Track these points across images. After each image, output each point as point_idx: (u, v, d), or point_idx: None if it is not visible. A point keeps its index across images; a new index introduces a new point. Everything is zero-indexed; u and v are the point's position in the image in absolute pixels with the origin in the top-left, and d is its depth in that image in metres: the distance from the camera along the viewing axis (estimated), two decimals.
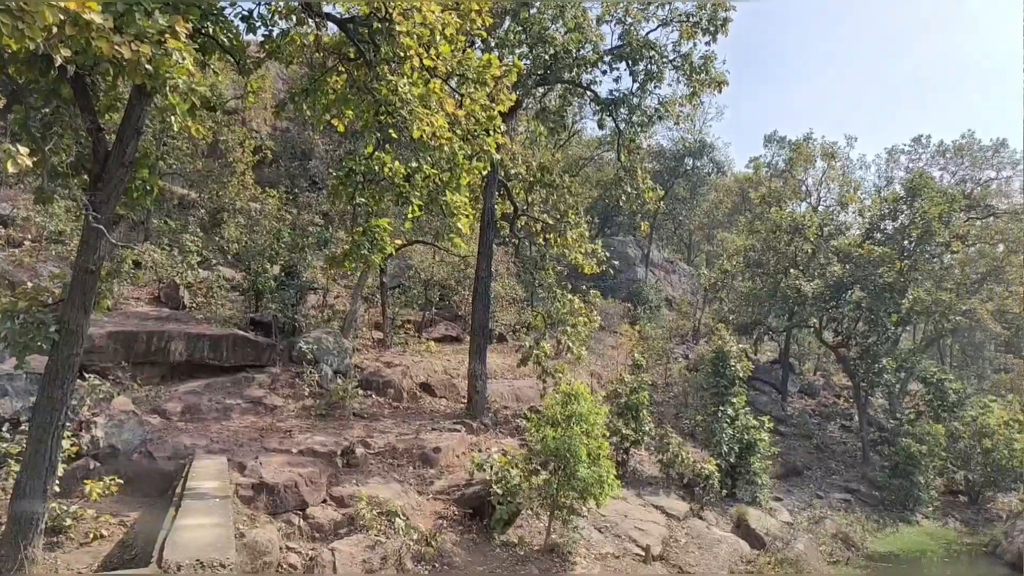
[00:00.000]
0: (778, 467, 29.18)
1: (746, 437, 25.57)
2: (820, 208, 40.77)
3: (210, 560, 8.97)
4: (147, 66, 8.24)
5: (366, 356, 27.27)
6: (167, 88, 8.76)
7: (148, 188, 11.99)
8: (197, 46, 10.58)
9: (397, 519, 15.54)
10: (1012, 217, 44.61)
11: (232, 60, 12.95)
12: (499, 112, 14.29)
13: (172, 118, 9.76)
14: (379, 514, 15.55)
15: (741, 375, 27.38)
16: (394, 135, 12.51)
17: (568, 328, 25.94)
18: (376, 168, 13.84)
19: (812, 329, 38.76)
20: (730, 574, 19.09)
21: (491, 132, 14.09)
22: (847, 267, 34.97)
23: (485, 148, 14.02)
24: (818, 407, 41.98)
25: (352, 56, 13.33)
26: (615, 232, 56.82)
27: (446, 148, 12.55)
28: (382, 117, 12.42)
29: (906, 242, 35.80)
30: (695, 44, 23.82)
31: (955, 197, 36.19)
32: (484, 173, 16.52)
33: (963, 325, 41.55)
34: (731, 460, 25.18)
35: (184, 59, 8.61)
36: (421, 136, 12.14)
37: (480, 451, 20.70)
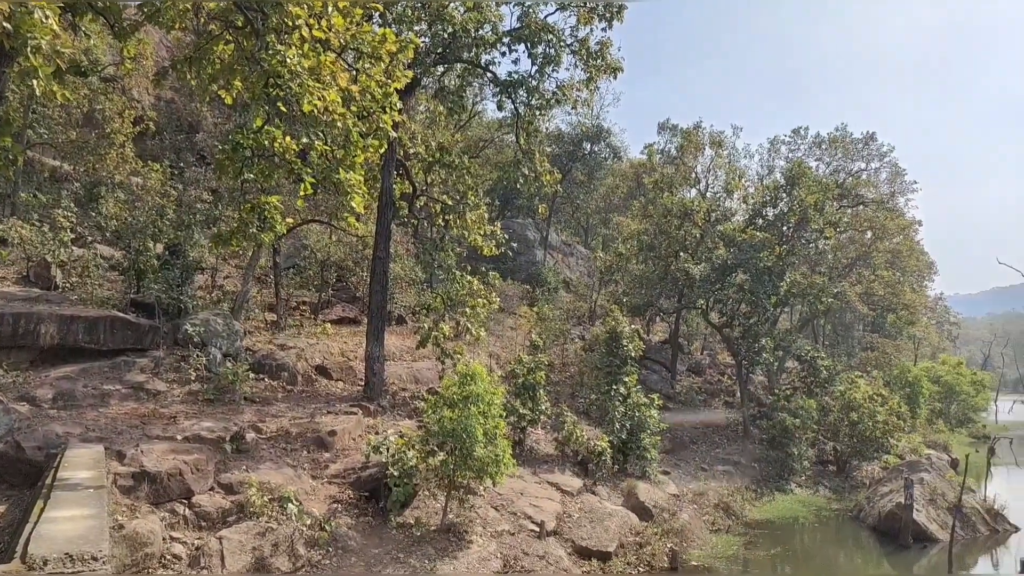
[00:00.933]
0: (666, 442, 30.48)
1: (637, 414, 26.56)
2: (708, 194, 42.63)
3: (80, 553, 8.44)
4: (5, 24, 7.55)
5: (258, 339, 26.35)
6: (28, 49, 8.07)
7: (11, 158, 11.06)
8: (63, 5, 9.78)
9: (289, 505, 15.19)
10: (879, 206, 48.30)
11: (107, 22, 12.07)
12: (396, 89, 14.04)
13: (34, 82, 9.00)
14: (270, 500, 15.14)
15: (633, 355, 28.36)
16: (283, 109, 12.04)
17: (467, 310, 26.01)
18: (266, 143, 13.30)
19: (700, 310, 40.56)
20: (620, 546, 19.86)
21: (387, 109, 13.82)
22: (732, 251, 36.79)
23: (381, 126, 13.75)
24: (704, 384, 44.12)
25: (240, 24, 12.72)
26: (515, 214, 57.27)
27: (339, 124, 12.22)
28: (271, 89, 11.93)
29: (785, 228, 38.06)
30: (592, 30, 24.25)
31: (829, 186, 38.76)
32: (381, 152, 16.20)
33: (834, 307, 44.69)
34: (623, 437, 26.09)
35: (48, 18, 7.95)
36: (312, 111, 11.75)
37: (377, 434, 20.50)
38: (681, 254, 37.05)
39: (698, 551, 21.41)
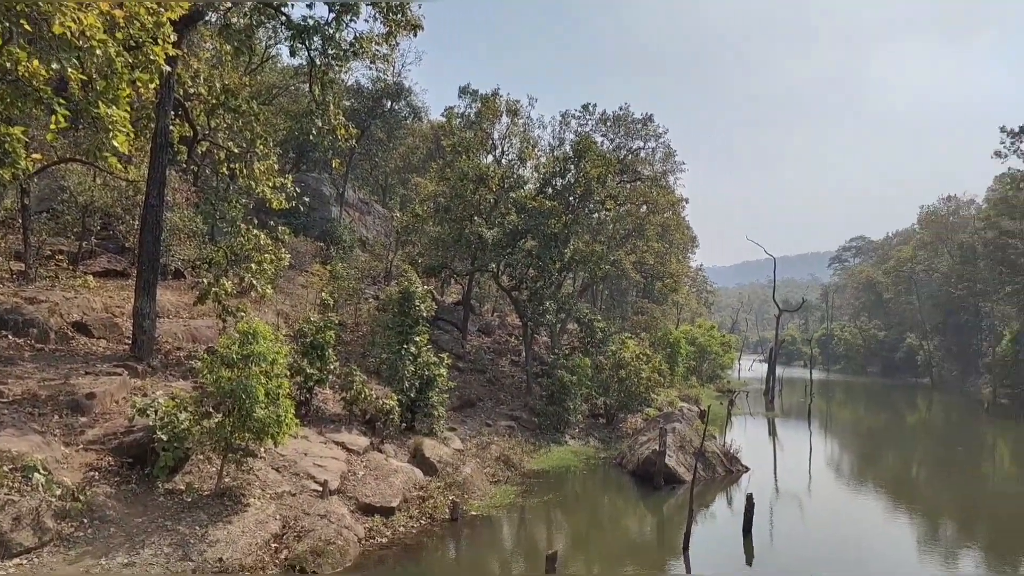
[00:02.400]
0: (455, 400, 31.51)
1: (427, 373, 27.09)
2: (503, 161, 43.98)
3: None
4: None
5: (1, 291, 23.03)
6: None
7: None
8: None
9: (36, 474, 13.67)
10: (653, 183, 52.83)
11: None
12: (171, 20, 12.80)
13: None
14: (12, 470, 13.52)
15: (425, 315, 28.77)
16: (28, 27, 10.51)
17: (253, 265, 24.74)
18: (7, 65, 11.54)
19: (491, 273, 42.00)
20: (403, 501, 20.34)
21: (160, 41, 12.58)
22: (523, 217, 38.41)
23: (152, 59, 12.50)
24: (493, 344, 46.02)
25: None
26: (311, 168, 54.96)
27: (99, 51, 10.91)
28: (14, 2, 10.35)
29: (571, 198, 40.44)
30: None
31: (611, 161, 41.69)
32: (153, 87, 14.73)
33: (611, 273, 48.55)
34: (412, 395, 26.53)
35: None
36: (65, 33, 10.37)
37: (145, 396, 18.96)
38: (475, 218, 37.96)
39: (478, 502, 22.53)
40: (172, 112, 23.12)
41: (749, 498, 21.07)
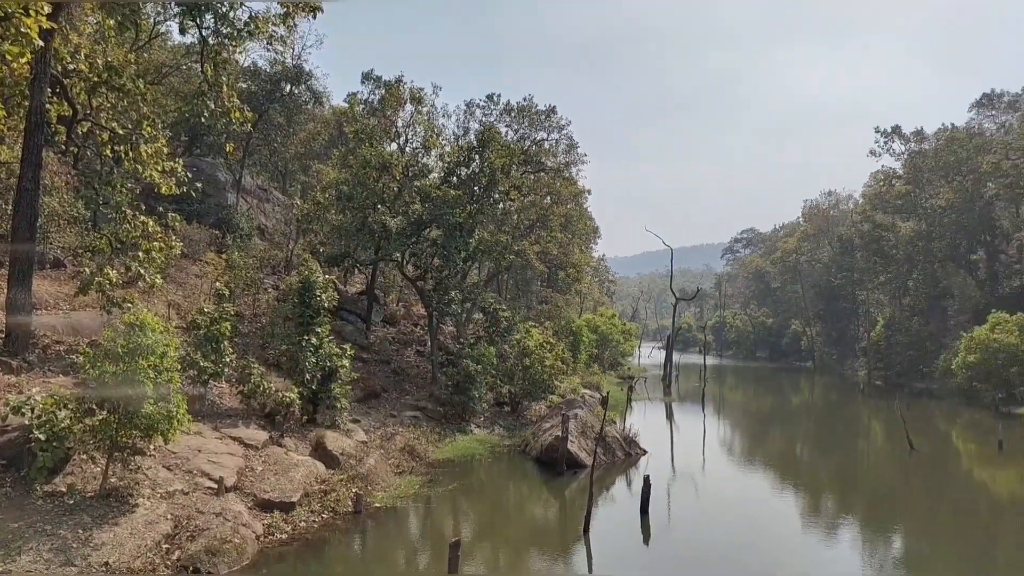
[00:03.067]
0: (359, 391, 31.05)
1: (329, 364, 26.56)
2: (407, 149, 43.50)
3: None
4: None
5: None
6: None
7: None
8: None
9: None
10: (557, 174, 53.69)
11: None
12: None
13: None
14: None
15: (326, 305, 28.19)
16: None
17: (140, 254, 23.45)
18: None
19: (396, 263, 41.56)
20: (304, 496, 19.94)
21: (33, 13, 11.72)
22: (427, 206, 38.16)
23: (24, 31, 11.62)
24: (398, 335, 45.59)
25: None
26: (204, 153, 52.42)
27: None
28: None
29: (476, 188, 40.47)
30: None
31: (515, 151, 42.05)
32: (24, 62, 13.70)
33: (516, 263, 49.09)
34: (313, 387, 25.95)
35: None
36: None
37: (20, 393, 17.70)
38: (379, 206, 37.39)
39: (382, 493, 22.38)
40: (49, 89, 21.54)
41: (646, 480, 21.93)
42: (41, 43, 13.21)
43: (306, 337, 26.46)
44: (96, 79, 23.01)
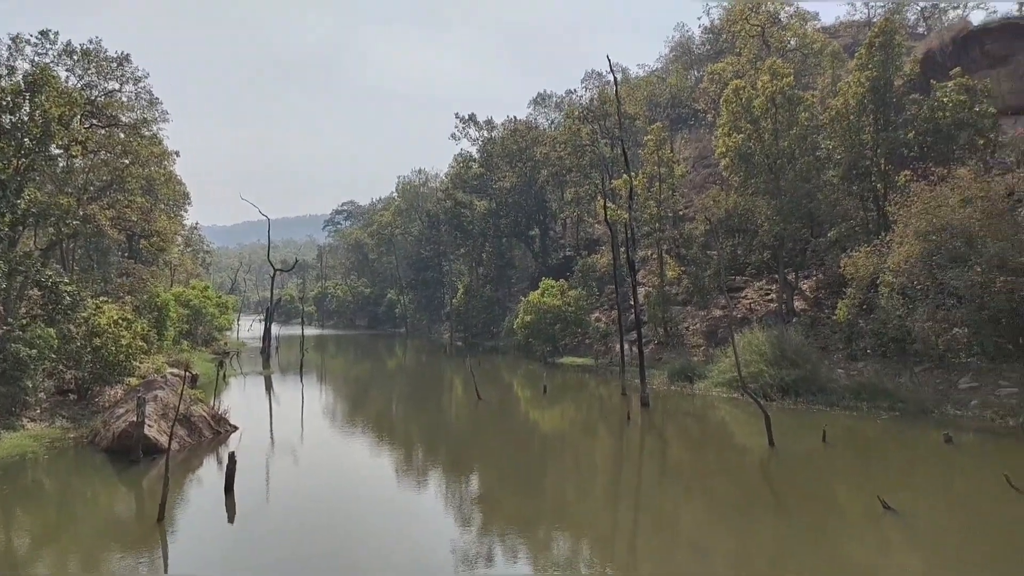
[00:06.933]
0: None
1: None
2: None
3: None
4: None
5: None
6: None
7: None
8: None
9: None
10: (134, 131, 47.77)
11: None
12: None
13: None
14: None
15: None
16: None
17: None
18: None
19: None
20: None
21: None
22: None
23: None
24: None
25: None
26: None
27: None
28: None
29: (25, 139, 33.78)
30: None
31: (77, 100, 36.08)
32: None
33: (84, 230, 42.48)
34: None
35: None
36: None
37: None
38: None
39: None
40: None
41: (230, 456, 21.21)
42: None
43: None
44: None
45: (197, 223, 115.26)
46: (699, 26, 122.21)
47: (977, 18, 75.55)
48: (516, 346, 69.82)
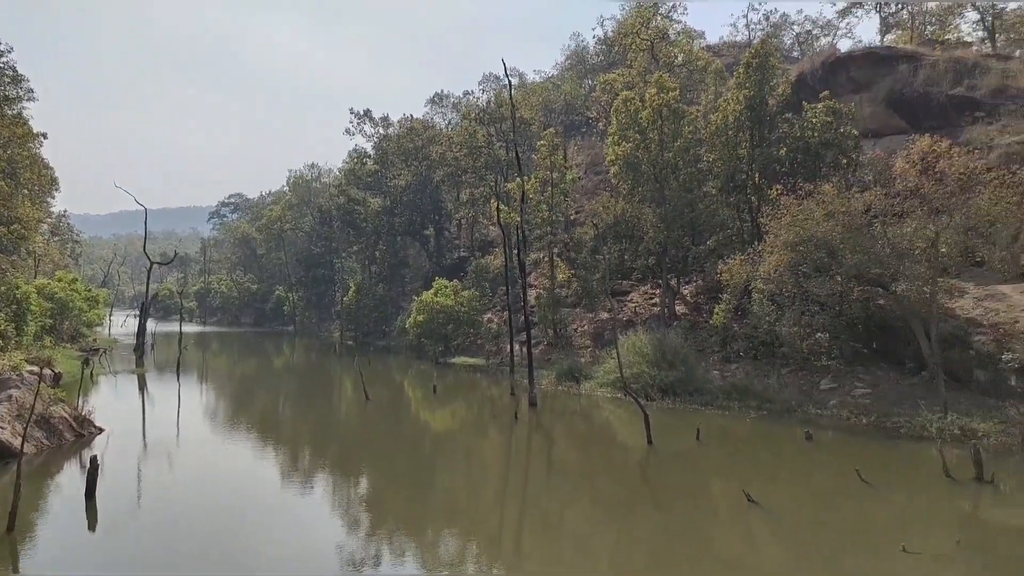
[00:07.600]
0: None
1: None
2: None
3: None
4: None
5: None
6: None
7: None
8: None
9: None
10: None
11: None
12: None
13: None
14: None
15: None
16: None
17: None
18: None
19: None
20: None
21: None
22: None
23: None
24: None
25: None
26: None
27: None
28: None
29: None
30: None
31: None
32: None
33: None
34: None
35: None
36: None
37: None
38: None
39: None
40: None
41: (92, 460, 20.05)
42: None
43: None
44: None
45: (66, 211, 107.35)
46: (594, 37, 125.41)
47: (845, 46, 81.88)
48: (408, 346, 69.36)
